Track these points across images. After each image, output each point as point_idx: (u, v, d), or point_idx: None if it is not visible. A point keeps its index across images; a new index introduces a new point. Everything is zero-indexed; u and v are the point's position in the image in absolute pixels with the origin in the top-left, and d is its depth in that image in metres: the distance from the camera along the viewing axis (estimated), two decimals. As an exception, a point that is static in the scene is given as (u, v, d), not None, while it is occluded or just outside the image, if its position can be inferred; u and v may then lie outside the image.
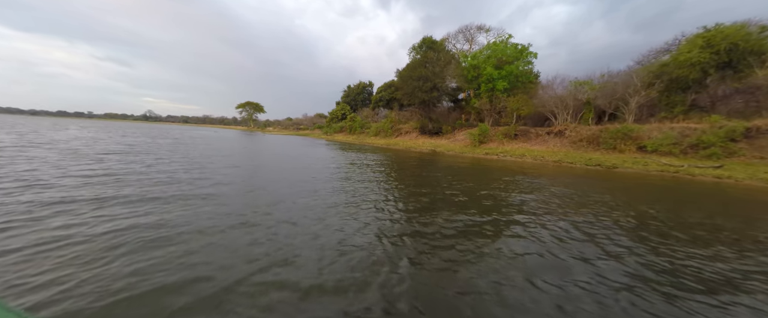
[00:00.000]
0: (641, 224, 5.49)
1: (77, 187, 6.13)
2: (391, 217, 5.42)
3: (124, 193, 5.86)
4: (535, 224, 5.23)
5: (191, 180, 7.62)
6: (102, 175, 7.59)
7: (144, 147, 15.85)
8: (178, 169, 9.17)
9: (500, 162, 18.35)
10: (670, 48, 32.20)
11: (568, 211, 6.26)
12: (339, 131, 54.74)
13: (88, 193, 5.70)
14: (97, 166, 8.75)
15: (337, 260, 3.46)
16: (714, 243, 4.60)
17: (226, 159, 12.74)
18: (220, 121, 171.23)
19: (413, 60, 30.36)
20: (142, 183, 6.92)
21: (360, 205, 6.15)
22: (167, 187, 6.62)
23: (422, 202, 6.65)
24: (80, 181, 6.66)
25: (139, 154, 12.36)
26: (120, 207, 5.03)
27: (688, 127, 17.21)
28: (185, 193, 6.20)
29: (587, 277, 3.29)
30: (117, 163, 9.73)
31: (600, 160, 16.58)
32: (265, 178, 8.90)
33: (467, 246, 4.11)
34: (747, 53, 16.35)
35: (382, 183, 8.97)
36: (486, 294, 2.88)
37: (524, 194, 7.95)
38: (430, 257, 3.71)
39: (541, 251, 4.01)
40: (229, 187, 7.09)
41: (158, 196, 5.86)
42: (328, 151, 21.12)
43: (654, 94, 18.86)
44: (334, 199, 6.49)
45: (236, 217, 4.86)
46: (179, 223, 4.40)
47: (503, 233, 4.74)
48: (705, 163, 13.99)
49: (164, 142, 20.92)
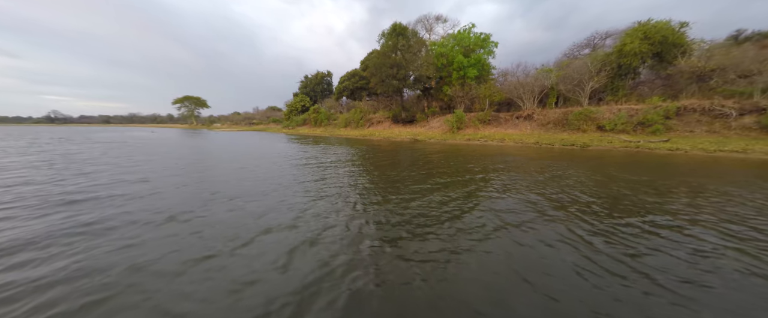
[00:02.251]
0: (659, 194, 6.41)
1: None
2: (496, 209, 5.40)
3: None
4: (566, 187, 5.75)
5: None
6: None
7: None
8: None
9: (485, 146, 19.47)
10: (589, 43, 37.41)
11: (582, 177, 6.97)
12: (302, 124, 52.07)
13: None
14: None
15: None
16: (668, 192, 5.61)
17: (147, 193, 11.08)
18: (153, 120, 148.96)
19: (384, 46, 29.90)
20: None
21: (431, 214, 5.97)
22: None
23: (474, 187, 6.73)
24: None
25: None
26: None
27: (632, 108, 20.28)
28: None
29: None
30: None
31: (572, 140, 18.69)
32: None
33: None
34: (672, 45, 19.68)
35: (415, 179, 8.80)
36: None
37: (547, 171, 8.57)
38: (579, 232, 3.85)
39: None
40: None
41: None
42: (301, 149, 19.97)
43: (604, 80, 21.67)
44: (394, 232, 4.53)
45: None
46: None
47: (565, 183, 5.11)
48: (655, 138, 16.75)
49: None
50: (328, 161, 12.34)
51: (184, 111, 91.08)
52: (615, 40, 35.48)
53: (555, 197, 6.36)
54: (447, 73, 31.18)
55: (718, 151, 13.85)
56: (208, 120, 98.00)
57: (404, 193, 6.71)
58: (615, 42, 35.67)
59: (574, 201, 6.08)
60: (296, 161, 12.23)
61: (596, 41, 37.36)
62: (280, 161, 12.23)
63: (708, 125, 16.89)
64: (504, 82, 30.41)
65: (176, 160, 12.28)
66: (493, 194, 6.66)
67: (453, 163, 11.85)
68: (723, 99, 17.13)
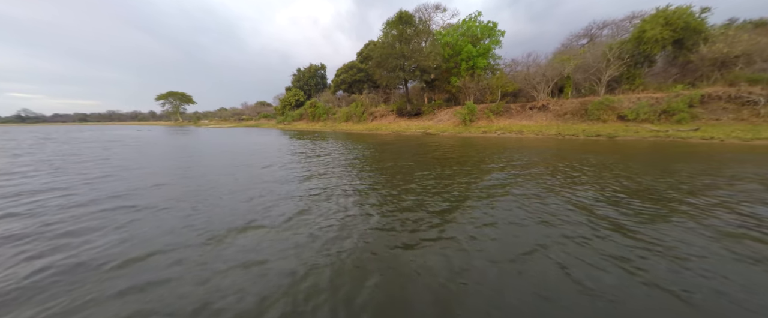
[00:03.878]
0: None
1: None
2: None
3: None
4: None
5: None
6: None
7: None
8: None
9: (506, 139, 18.65)
10: (587, 33, 37.16)
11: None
12: (298, 119, 50.15)
13: None
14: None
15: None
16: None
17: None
18: (133, 117, 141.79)
19: (389, 36, 28.48)
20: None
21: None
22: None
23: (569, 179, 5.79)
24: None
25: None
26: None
27: (651, 97, 19.87)
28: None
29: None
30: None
31: (596, 131, 18.11)
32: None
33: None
34: (693, 32, 19.23)
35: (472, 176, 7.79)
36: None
37: (602, 167, 7.75)
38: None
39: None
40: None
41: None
42: (304, 146, 18.65)
43: (623, 69, 21.13)
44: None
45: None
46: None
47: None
48: (683, 127, 16.32)
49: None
50: (356, 159, 11.18)
51: (169, 107, 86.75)
52: (612, 29, 35.49)
53: (676, 197, 5.47)
54: (454, 64, 30.15)
55: (755, 139, 13.45)
56: (195, 116, 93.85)
57: (475, 193, 5.70)
58: (612, 31, 35.75)
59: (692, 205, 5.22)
60: (326, 158, 11.01)
61: (593, 31, 37.20)
62: (303, 159, 10.99)
63: (735, 113, 16.58)
64: (513, 72, 29.63)
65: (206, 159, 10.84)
66: (582, 192, 5.71)
67: (496, 156, 10.88)
68: (748, 86, 16.82)
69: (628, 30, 33.66)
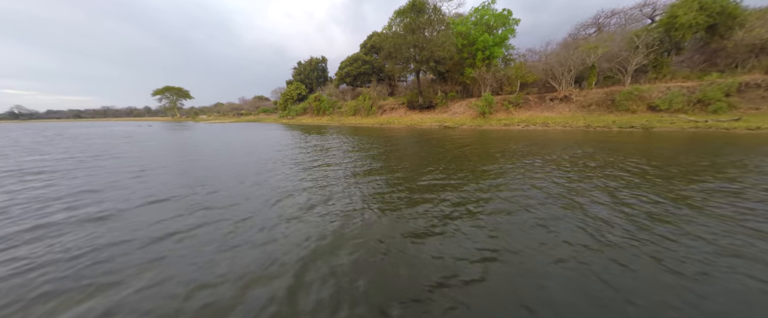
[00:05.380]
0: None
1: None
2: None
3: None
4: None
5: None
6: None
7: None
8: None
9: (532, 132, 17.82)
10: (595, 22, 36.09)
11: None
12: (302, 113, 48.96)
13: None
14: None
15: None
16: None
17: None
18: (129, 113, 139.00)
19: (401, 25, 27.26)
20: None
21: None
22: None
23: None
24: None
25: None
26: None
27: (681, 86, 19.04)
28: None
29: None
30: None
31: (627, 122, 17.31)
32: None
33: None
34: (728, 16, 18.31)
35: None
36: None
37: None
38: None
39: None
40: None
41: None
42: (344, 141, 17.71)
43: (652, 56, 20.23)
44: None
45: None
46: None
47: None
48: (723, 117, 15.55)
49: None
50: (391, 152, 10.29)
51: (165, 103, 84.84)
52: (621, 18, 34.51)
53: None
54: (468, 54, 29.06)
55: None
56: (192, 112, 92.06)
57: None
58: (620, 20, 34.71)
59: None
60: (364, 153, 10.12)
61: (601, 20, 36.19)
62: (363, 157, 10.08)
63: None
64: (529, 62, 28.62)
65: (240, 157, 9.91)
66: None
67: (546, 152, 10.01)
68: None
69: (637, 18, 32.79)
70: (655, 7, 31.40)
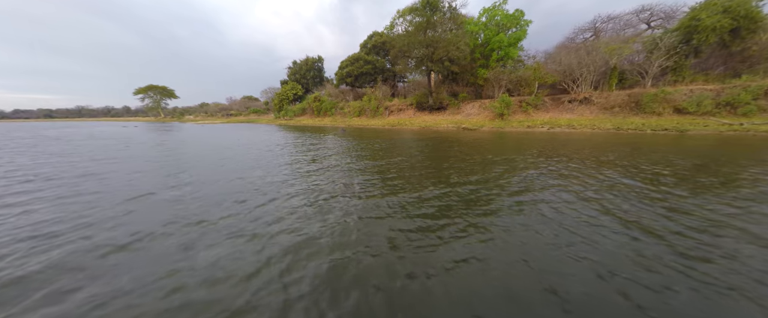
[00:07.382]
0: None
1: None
2: None
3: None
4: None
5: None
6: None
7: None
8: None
9: (559, 135, 17.14)
10: (591, 26, 36.52)
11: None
12: (300, 114, 47.16)
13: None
14: None
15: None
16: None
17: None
18: (106, 113, 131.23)
19: (413, 23, 26.26)
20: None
21: None
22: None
23: None
24: None
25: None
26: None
27: (704, 88, 18.93)
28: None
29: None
30: None
31: (661, 125, 16.92)
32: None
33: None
34: (751, 20, 18.33)
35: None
36: None
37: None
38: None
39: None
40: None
41: None
42: (368, 144, 16.43)
43: (674, 59, 20.07)
44: None
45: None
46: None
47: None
48: (758, 120, 15.35)
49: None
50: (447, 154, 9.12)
51: (149, 102, 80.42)
52: (617, 23, 35.04)
53: None
54: (480, 55, 28.41)
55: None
56: (178, 112, 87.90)
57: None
58: (616, 25, 35.21)
59: None
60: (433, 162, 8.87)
61: (598, 24, 36.64)
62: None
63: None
64: (545, 63, 28.22)
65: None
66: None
67: (617, 159, 9.09)
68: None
69: (633, 24, 33.29)
70: (652, 12, 32.00)
